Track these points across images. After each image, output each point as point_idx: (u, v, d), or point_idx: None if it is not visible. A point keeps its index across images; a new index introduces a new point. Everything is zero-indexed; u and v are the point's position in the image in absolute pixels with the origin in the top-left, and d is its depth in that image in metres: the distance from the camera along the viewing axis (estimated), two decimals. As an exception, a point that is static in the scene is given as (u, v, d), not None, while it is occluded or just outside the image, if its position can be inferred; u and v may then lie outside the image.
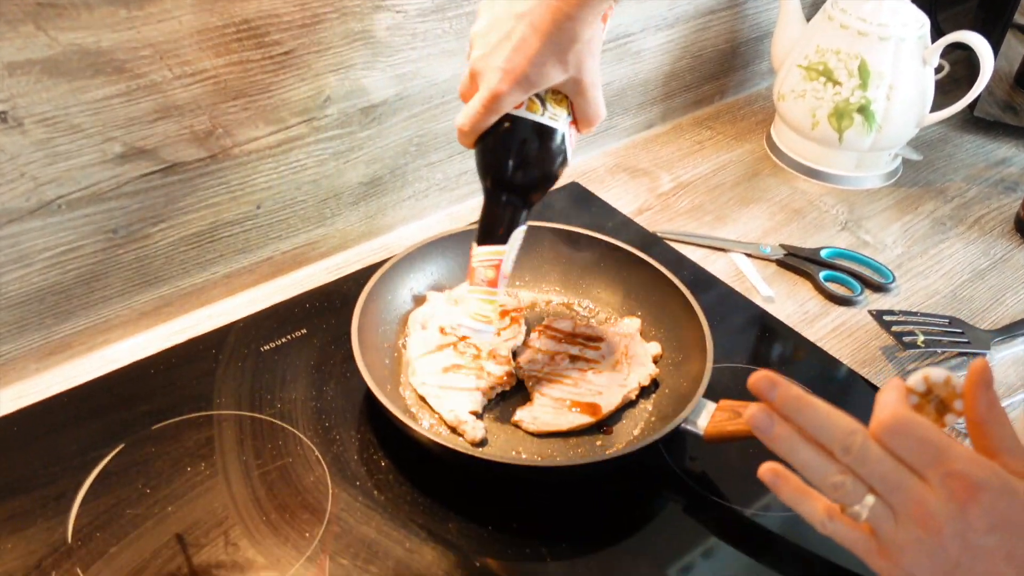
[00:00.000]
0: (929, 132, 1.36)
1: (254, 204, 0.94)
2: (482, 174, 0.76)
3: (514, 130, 0.73)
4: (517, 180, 0.75)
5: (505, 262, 0.77)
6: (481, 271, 0.76)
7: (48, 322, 0.86)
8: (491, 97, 0.71)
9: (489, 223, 0.76)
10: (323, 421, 0.84)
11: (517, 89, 0.70)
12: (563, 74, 0.71)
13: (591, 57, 0.72)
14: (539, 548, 0.75)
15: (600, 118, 0.77)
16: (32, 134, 0.76)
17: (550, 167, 0.76)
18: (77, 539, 0.73)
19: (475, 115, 0.72)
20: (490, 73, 0.70)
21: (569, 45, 0.69)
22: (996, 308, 1.04)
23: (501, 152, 0.74)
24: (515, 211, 0.76)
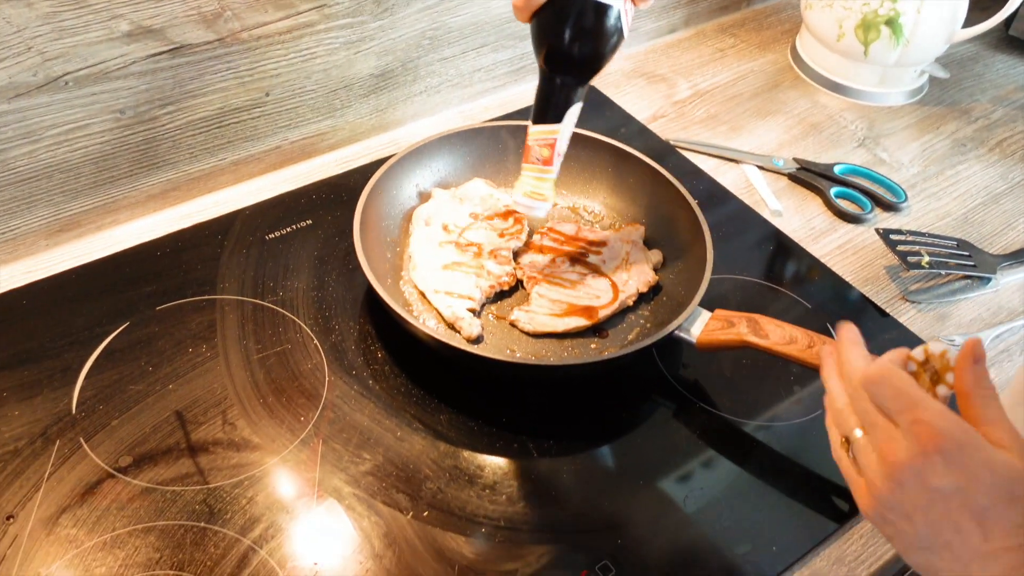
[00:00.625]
0: (960, 49, 1.32)
1: (263, 91, 0.93)
2: (536, 50, 0.75)
3: (567, 6, 0.72)
4: (570, 57, 0.73)
5: (560, 140, 0.76)
6: (536, 149, 0.77)
7: (57, 199, 0.87)
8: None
9: (544, 101, 0.76)
10: (323, 311, 0.85)
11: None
12: None
13: None
14: (527, 444, 0.77)
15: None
16: (38, 7, 0.75)
17: (603, 44, 0.74)
18: (81, 410, 0.75)
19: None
20: None
21: None
22: (1007, 233, 1.03)
23: (554, 27, 0.73)
24: (569, 89, 0.75)
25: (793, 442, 0.80)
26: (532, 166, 0.77)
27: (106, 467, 0.72)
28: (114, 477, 0.71)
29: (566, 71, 0.74)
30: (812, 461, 0.78)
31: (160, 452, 0.73)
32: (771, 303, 0.92)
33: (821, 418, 0.80)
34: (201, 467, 0.72)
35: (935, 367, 0.58)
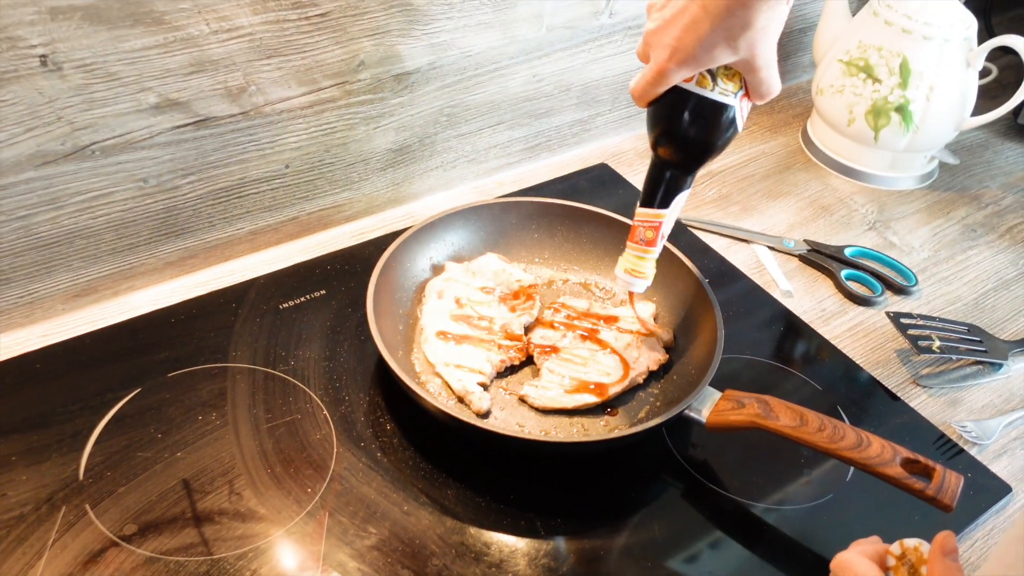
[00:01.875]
0: (969, 136, 1.34)
1: (283, 163, 0.95)
2: (650, 136, 0.77)
3: (680, 102, 0.74)
4: (679, 150, 0.76)
5: (664, 224, 0.79)
6: (641, 231, 0.80)
7: (76, 264, 0.88)
8: (657, 72, 0.72)
9: (652, 187, 0.78)
10: (334, 381, 0.86)
11: (683, 67, 0.71)
12: (732, 56, 0.70)
13: (765, 39, 0.69)
14: (534, 521, 0.76)
15: (773, 93, 0.75)
16: (70, 79, 0.77)
17: (713, 139, 0.76)
18: (88, 476, 0.75)
19: (642, 85, 0.74)
20: (659, 49, 0.71)
21: (741, 31, 0.67)
22: (1018, 319, 1.03)
23: (666, 122, 0.75)
24: (677, 178, 0.77)
25: (803, 526, 0.79)
26: (636, 246, 0.80)
27: (111, 535, 0.71)
28: (118, 546, 0.71)
29: (677, 162, 0.76)
30: (821, 546, 0.77)
31: (165, 521, 0.73)
32: (781, 384, 0.92)
33: (831, 502, 0.80)
34: (206, 537, 0.72)
35: (911, 560, 0.61)
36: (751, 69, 0.72)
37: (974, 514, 0.81)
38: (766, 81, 0.73)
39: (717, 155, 0.77)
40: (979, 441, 0.88)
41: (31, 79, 0.76)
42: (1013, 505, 0.83)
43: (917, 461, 0.72)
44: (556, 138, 1.19)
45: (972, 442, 0.88)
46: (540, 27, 1.05)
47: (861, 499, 0.81)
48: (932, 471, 0.71)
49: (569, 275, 0.99)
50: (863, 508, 0.80)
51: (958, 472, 0.72)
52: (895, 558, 0.62)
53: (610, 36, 1.13)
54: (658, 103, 0.75)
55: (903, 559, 0.61)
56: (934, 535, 0.78)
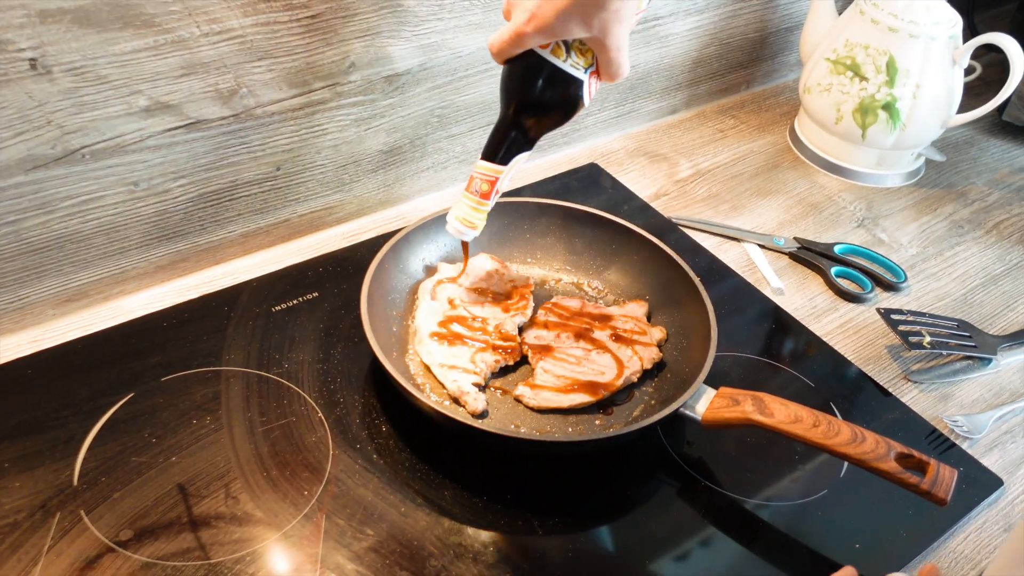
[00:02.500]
0: (955, 133, 1.35)
1: (274, 165, 0.95)
2: (501, 94, 0.79)
3: (533, 67, 0.76)
4: (525, 112, 0.78)
5: (501, 180, 0.80)
6: (478, 182, 0.80)
7: (67, 269, 0.88)
8: (515, 34, 0.74)
9: (495, 142, 0.80)
10: (328, 384, 0.85)
11: (539, 34, 0.73)
12: (585, 32, 0.73)
13: (618, 23, 0.73)
14: (531, 521, 0.76)
15: (622, 75, 0.78)
16: (60, 82, 0.77)
17: (559, 109, 0.79)
18: (83, 482, 0.75)
19: (501, 43, 0.75)
20: (520, 11, 0.73)
21: (595, 10, 0.71)
22: (1006, 314, 1.04)
23: (517, 82, 0.77)
24: (519, 138, 0.79)
25: (798, 521, 0.79)
26: (471, 196, 0.81)
27: (106, 541, 0.71)
28: (114, 551, 0.70)
29: (522, 123, 0.78)
30: (817, 541, 0.78)
31: (161, 526, 0.72)
32: (773, 380, 0.92)
33: (825, 498, 0.80)
34: (203, 542, 0.72)
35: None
36: (602, 48, 0.75)
37: (967, 508, 0.82)
38: (615, 62, 0.76)
39: (559, 124, 0.80)
40: (970, 435, 0.89)
41: (20, 83, 0.75)
42: (1005, 498, 0.84)
43: (911, 456, 0.73)
44: (546, 138, 1.18)
45: (963, 436, 0.89)
46: (530, 28, 1.05)
47: (855, 494, 0.81)
48: (926, 466, 0.72)
49: (561, 275, 0.99)
50: (857, 503, 0.81)
51: (950, 466, 0.73)
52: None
53: (599, 36, 1.13)
54: (513, 63, 0.77)
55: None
56: (928, 530, 0.79)
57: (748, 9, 1.29)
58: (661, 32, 1.20)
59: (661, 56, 1.23)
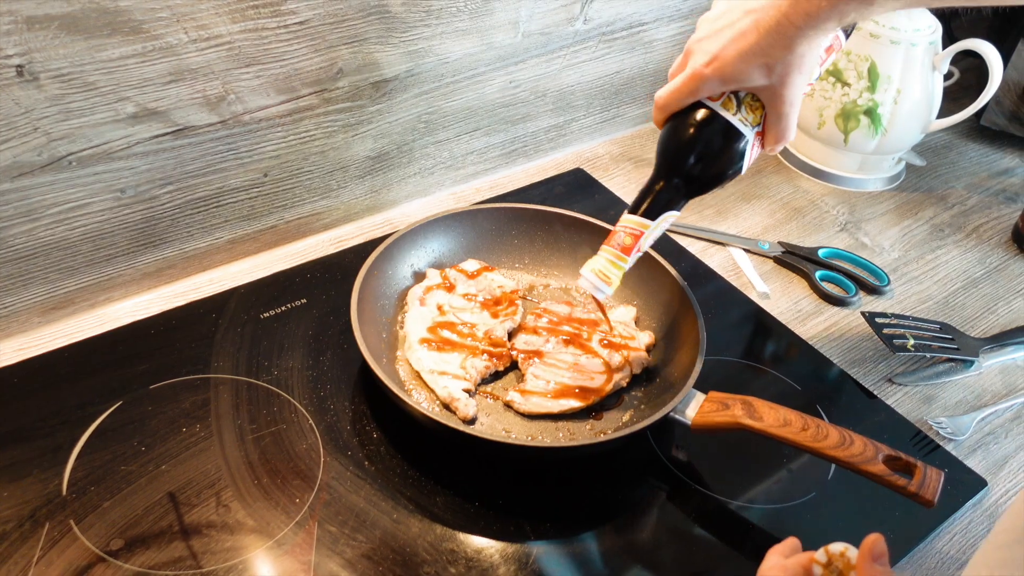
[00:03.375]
0: (935, 138, 1.37)
1: (261, 172, 0.95)
2: (659, 149, 0.78)
3: (702, 118, 0.74)
4: (685, 165, 0.76)
5: (645, 236, 0.77)
6: (621, 235, 0.78)
7: (53, 277, 0.87)
8: (693, 76, 0.73)
9: (645, 196, 0.77)
10: (318, 390, 0.85)
11: (718, 77, 0.72)
12: (765, 79, 0.71)
13: (798, 74, 0.72)
14: (523, 526, 0.77)
15: (787, 139, 0.77)
16: (47, 89, 0.76)
17: (722, 166, 0.76)
18: (72, 492, 0.74)
19: (674, 90, 0.74)
20: (700, 55, 0.72)
21: (781, 52, 0.69)
22: (987, 317, 1.06)
23: (682, 135, 0.75)
24: (672, 194, 0.77)
25: (787, 524, 0.80)
26: (611, 250, 0.78)
27: (97, 551, 0.70)
28: (105, 561, 0.70)
29: (676, 177, 0.76)
30: (806, 543, 0.77)
31: (152, 535, 0.72)
32: (760, 384, 0.93)
33: (814, 500, 0.81)
34: (194, 550, 0.71)
35: (839, 567, 0.59)
36: (775, 102, 0.73)
37: (952, 509, 0.83)
38: (785, 119, 0.75)
39: (715, 183, 0.77)
40: (954, 437, 0.90)
41: (7, 89, 0.74)
42: (989, 499, 0.85)
43: (899, 458, 0.74)
44: (532, 144, 1.20)
45: (947, 438, 0.90)
46: (516, 34, 1.05)
47: (843, 496, 0.82)
48: (913, 468, 0.73)
49: (549, 280, 1.00)
50: (845, 505, 0.81)
51: (936, 468, 0.74)
52: (821, 566, 0.60)
53: (584, 42, 1.14)
54: (679, 116, 0.75)
55: (830, 567, 0.59)
56: (914, 532, 0.80)
57: (731, 15, 1.30)
58: (645, 38, 1.21)
59: (646, 62, 1.24)
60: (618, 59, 1.20)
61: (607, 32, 1.15)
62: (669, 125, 0.77)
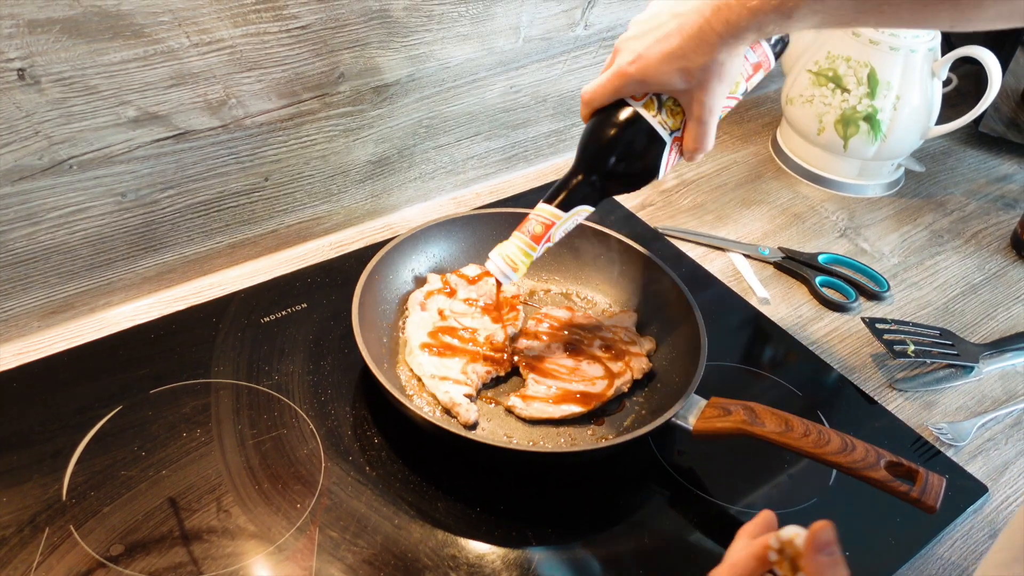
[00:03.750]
0: (933, 144, 1.37)
1: (262, 176, 0.95)
2: (580, 143, 0.78)
3: (623, 117, 0.75)
4: (601, 162, 0.77)
5: (557, 227, 0.78)
6: (533, 223, 0.78)
7: (52, 281, 0.87)
8: (617, 74, 0.74)
9: (560, 187, 0.78)
10: (319, 395, 0.85)
11: (640, 77, 0.73)
12: (684, 83, 0.73)
13: (718, 82, 0.72)
14: (525, 531, 0.76)
15: (704, 148, 0.77)
16: (48, 93, 0.76)
17: (637, 166, 0.77)
18: (71, 497, 0.74)
19: (598, 87, 0.75)
20: (626, 53, 0.74)
21: (702, 57, 0.70)
22: (987, 323, 1.06)
23: (602, 131, 0.76)
24: (588, 190, 0.77)
25: (789, 531, 0.80)
26: (522, 236, 0.78)
27: (97, 556, 0.70)
28: (105, 567, 0.69)
29: (595, 176, 0.77)
30: (809, 550, 0.78)
31: (153, 540, 0.72)
32: (761, 389, 0.93)
33: (815, 506, 0.81)
34: (195, 556, 0.71)
35: (790, 554, 0.57)
36: (693, 107, 0.75)
37: (953, 515, 0.83)
38: (702, 127, 0.76)
39: (630, 183, 0.79)
40: (955, 443, 0.90)
41: (8, 93, 0.74)
42: (990, 505, 0.85)
43: (901, 464, 0.74)
44: (532, 149, 1.20)
45: (948, 444, 0.90)
46: (517, 39, 1.05)
47: (845, 502, 0.82)
48: (915, 474, 0.73)
49: (550, 285, 1.00)
50: (847, 511, 0.81)
51: (938, 474, 0.74)
52: (775, 552, 0.58)
53: (585, 47, 1.14)
54: (602, 112, 0.77)
55: (783, 552, 0.57)
56: (916, 538, 0.80)
57: (730, 21, 1.30)
58: (646, 43, 1.21)
59: (645, 67, 1.24)
60: (618, 64, 1.20)
61: (607, 37, 1.15)
62: (592, 121, 0.78)
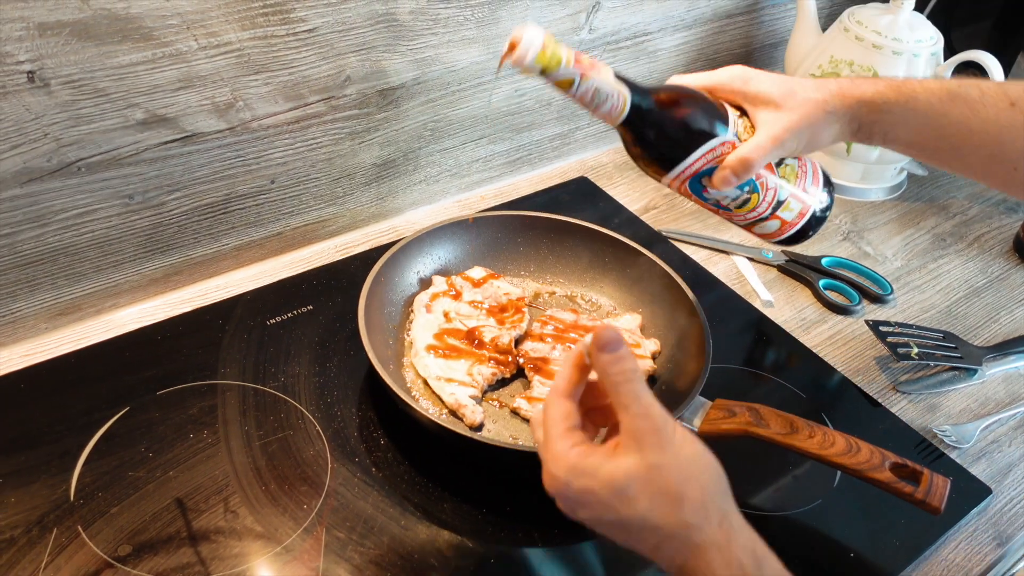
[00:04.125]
0: (935, 148, 1.37)
1: (268, 179, 0.95)
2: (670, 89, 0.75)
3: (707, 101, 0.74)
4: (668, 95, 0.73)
5: (594, 73, 0.69)
6: (586, 58, 0.69)
7: (60, 283, 0.87)
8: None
9: (627, 79, 0.71)
10: (325, 397, 0.85)
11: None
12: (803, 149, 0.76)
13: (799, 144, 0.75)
14: (531, 533, 0.77)
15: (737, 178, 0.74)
16: (57, 95, 0.77)
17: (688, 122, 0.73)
18: (79, 497, 0.74)
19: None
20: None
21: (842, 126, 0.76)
22: (990, 326, 1.06)
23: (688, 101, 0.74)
24: (638, 95, 0.71)
25: (793, 531, 0.80)
26: (571, 51, 0.69)
27: (105, 556, 0.70)
28: (113, 567, 0.70)
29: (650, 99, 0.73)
30: (810, 551, 0.79)
31: (160, 541, 0.72)
32: (765, 392, 0.93)
33: (819, 508, 0.81)
34: (202, 556, 0.71)
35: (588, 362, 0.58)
36: (767, 134, 0.74)
37: (957, 516, 0.83)
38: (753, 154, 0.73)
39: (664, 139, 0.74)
40: (958, 445, 0.90)
41: (18, 95, 0.75)
42: (994, 506, 0.85)
43: (905, 465, 0.74)
44: (537, 152, 1.20)
45: (952, 446, 0.90)
46: (522, 42, 1.06)
47: (849, 503, 0.82)
48: (920, 475, 0.73)
49: (555, 288, 1.00)
50: (851, 513, 0.82)
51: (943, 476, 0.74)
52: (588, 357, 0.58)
53: (589, 51, 1.14)
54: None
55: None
56: (920, 540, 0.80)
57: (734, 25, 1.31)
58: (649, 47, 1.22)
59: (650, 71, 1.25)
60: (623, 68, 1.20)
61: (612, 41, 1.16)
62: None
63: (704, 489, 0.55)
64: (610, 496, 0.54)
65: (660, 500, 0.53)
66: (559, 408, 0.58)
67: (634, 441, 0.54)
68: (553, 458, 0.56)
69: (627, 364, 0.55)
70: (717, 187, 0.75)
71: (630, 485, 0.53)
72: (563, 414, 0.58)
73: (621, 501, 0.53)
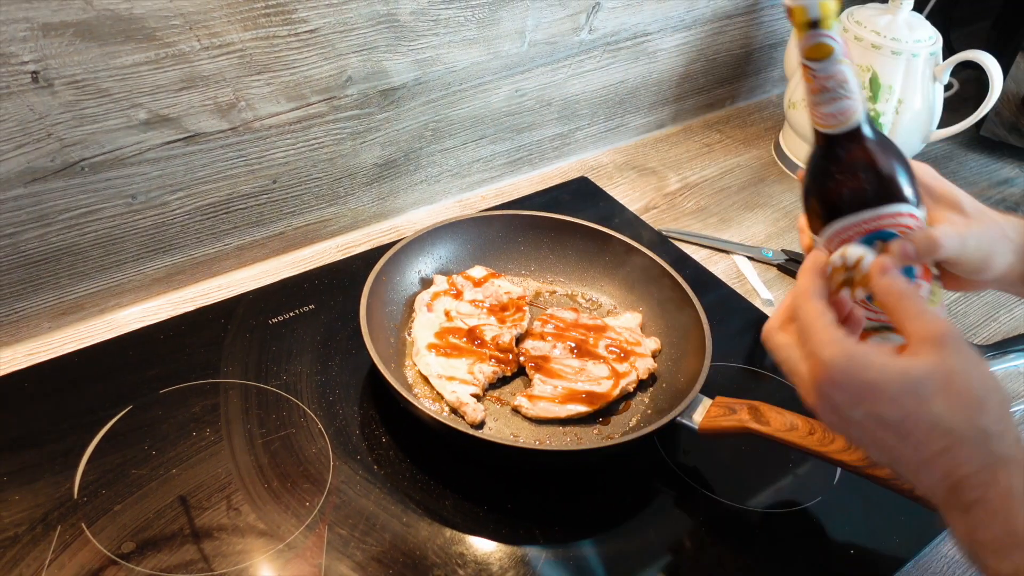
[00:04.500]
0: (935, 148, 1.38)
1: (270, 178, 0.96)
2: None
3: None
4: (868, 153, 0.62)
5: (845, 59, 0.60)
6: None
7: (63, 282, 0.88)
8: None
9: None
10: (327, 395, 0.86)
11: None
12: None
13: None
14: (532, 530, 0.77)
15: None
16: (61, 95, 0.77)
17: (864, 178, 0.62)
18: (83, 495, 0.75)
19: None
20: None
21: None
22: (989, 324, 1.06)
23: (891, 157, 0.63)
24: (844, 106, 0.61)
25: (794, 528, 0.80)
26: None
27: (108, 554, 0.71)
28: (116, 564, 0.70)
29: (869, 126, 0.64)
30: (811, 547, 0.79)
31: (164, 538, 0.72)
32: (765, 390, 0.94)
33: (820, 504, 0.82)
34: (206, 553, 0.72)
35: (851, 274, 0.59)
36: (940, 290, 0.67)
37: (956, 513, 0.83)
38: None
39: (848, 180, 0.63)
40: (958, 443, 0.90)
41: (22, 95, 0.75)
42: (993, 504, 0.85)
43: (905, 462, 0.74)
44: (537, 152, 1.21)
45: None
46: (522, 43, 1.06)
47: (850, 500, 0.83)
48: (919, 471, 0.73)
49: (556, 287, 1.00)
50: (851, 509, 0.82)
51: (943, 472, 0.74)
52: (835, 268, 0.59)
53: (590, 52, 1.15)
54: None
55: (840, 270, 0.59)
56: (920, 536, 0.80)
57: (733, 26, 1.32)
58: (649, 48, 1.22)
59: (649, 71, 1.25)
60: (623, 69, 1.21)
61: (612, 42, 1.16)
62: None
63: (1004, 403, 0.52)
64: (900, 391, 0.51)
65: (958, 403, 0.51)
66: (816, 304, 0.56)
67: (929, 344, 0.52)
68: (828, 343, 0.53)
69: (902, 281, 0.55)
70: (892, 256, 0.61)
71: (925, 383, 0.51)
72: (821, 310, 0.56)
73: (913, 398, 0.51)
